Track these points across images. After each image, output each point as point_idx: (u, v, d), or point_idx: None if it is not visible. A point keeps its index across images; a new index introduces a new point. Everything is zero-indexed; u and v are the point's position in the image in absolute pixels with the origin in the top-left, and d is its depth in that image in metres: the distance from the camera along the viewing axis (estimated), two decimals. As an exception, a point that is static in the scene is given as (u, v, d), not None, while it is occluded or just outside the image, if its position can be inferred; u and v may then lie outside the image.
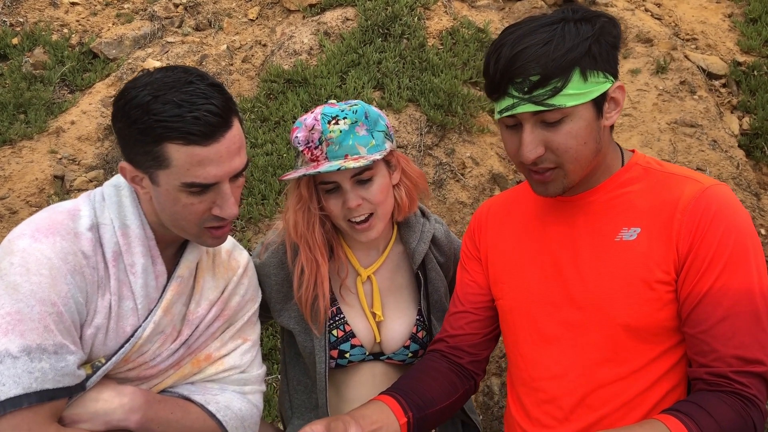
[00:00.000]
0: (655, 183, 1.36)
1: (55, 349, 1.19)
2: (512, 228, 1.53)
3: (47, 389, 1.18)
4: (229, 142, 1.24)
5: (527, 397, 1.45)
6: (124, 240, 1.30)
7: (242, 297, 1.53)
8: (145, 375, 1.37)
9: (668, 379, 1.33)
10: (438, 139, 4.62)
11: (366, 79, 4.74)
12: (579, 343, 1.37)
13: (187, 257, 1.40)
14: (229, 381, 1.49)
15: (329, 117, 1.53)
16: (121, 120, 1.22)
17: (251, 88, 5.14)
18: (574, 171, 1.31)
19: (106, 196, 1.33)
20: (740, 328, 1.23)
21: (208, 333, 1.45)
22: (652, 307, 1.30)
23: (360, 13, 5.15)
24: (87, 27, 5.66)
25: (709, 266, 1.25)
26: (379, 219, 1.59)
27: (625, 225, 1.35)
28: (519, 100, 1.25)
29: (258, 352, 1.57)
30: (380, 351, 1.70)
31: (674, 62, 4.84)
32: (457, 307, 1.60)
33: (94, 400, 1.28)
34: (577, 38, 1.24)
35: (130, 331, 1.31)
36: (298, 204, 1.61)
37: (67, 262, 1.22)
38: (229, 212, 1.28)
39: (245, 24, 5.70)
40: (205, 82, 1.23)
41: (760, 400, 1.22)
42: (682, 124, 4.52)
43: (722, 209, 1.27)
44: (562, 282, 1.40)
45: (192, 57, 5.36)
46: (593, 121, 1.28)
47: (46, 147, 4.61)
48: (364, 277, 1.69)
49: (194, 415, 1.41)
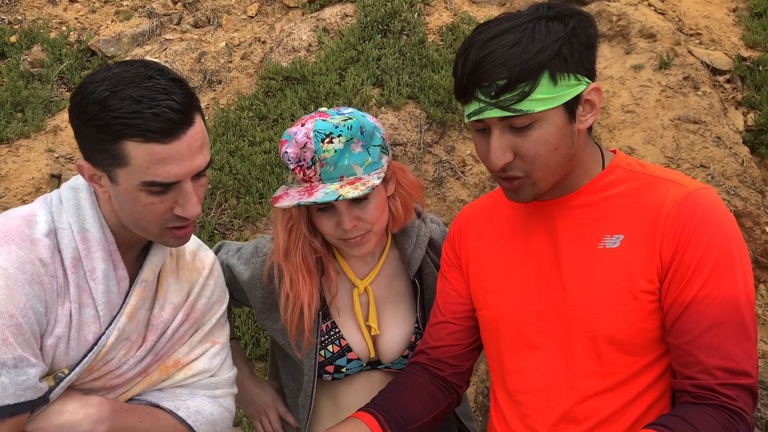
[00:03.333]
0: (638, 186, 1.31)
1: (15, 363, 1.15)
2: (493, 234, 1.48)
3: (8, 405, 1.15)
4: (190, 139, 1.19)
5: (510, 411, 1.40)
6: (83, 245, 1.25)
7: (209, 299, 1.48)
8: (112, 384, 1.33)
9: (653, 390, 1.28)
10: (438, 137, 4.56)
11: (365, 76, 4.69)
12: (563, 354, 1.32)
13: (152, 260, 1.35)
14: (199, 386, 1.44)
15: (323, 134, 1.42)
16: (78, 116, 1.18)
17: (250, 86, 5.10)
18: (543, 178, 1.26)
19: (63, 199, 1.28)
20: (726, 338, 1.18)
21: (175, 338, 1.41)
22: (636, 317, 1.24)
23: (359, 9, 5.10)
24: (85, 24, 5.63)
25: (694, 274, 1.20)
26: (374, 234, 1.52)
27: (608, 232, 1.29)
28: (486, 105, 1.20)
29: (228, 355, 1.52)
30: (378, 360, 1.65)
31: (678, 58, 4.77)
32: (437, 318, 1.54)
33: (59, 413, 1.24)
34: (547, 39, 1.18)
35: (92, 339, 1.27)
36: (286, 223, 1.54)
37: (24, 271, 1.17)
38: (191, 212, 1.24)
39: (244, 21, 5.66)
40: (166, 77, 1.18)
41: (747, 413, 1.17)
42: (685, 121, 4.44)
43: (707, 214, 1.22)
44: (546, 291, 1.34)
45: (190, 54, 5.33)
46: (565, 126, 1.23)
47: (43, 146, 4.59)
48: (361, 289, 1.63)
49: (164, 422, 1.37)
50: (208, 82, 5.25)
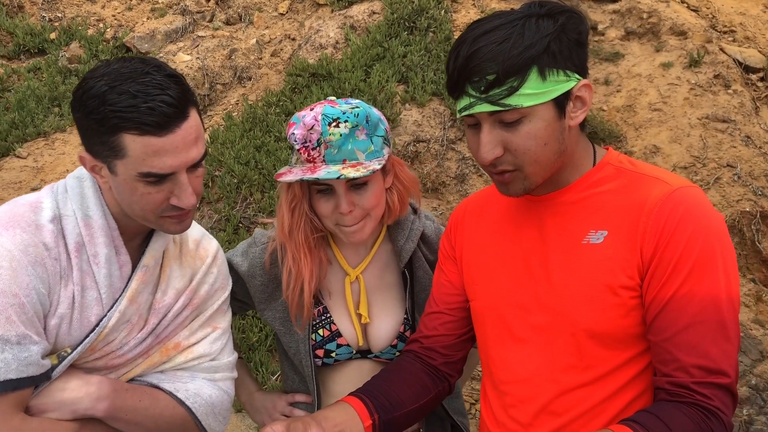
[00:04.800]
0: (625, 184, 1.32)
1: (18, 340, 1.21)
2: (486, 227, 1.51)
3: (10, 379, 1.21)
4: (185, 132, 1.25)
5: (496, 401, 1.43)
6: (86, 231, 1.32)
7: (211, 285, 1.53)
8: (114, 364, 1.39)
9: (633, 386, 1.29)
10: (461, 134, 4.58)
11: (390, 73, 4.73)
12: (546, 347, 1.34)
13: (153, 246, 1.41)
14: (199, 369, 1.50)
15: (330, 119, 1.48)
16: (79, 110, 1.24)
17: (278, 82, 5.18)
18: (534, 173, 1.28)
19: (68, 188, 1.35)
20: (705, 337, 1.18)
21: (177, 322, 1.46)
22: (616, 313, 1.26)
23: (386, 6, 5.14)
24: (122, 21, 5.78)
25: (674, 271, 1.20)
26: (369, 222, 1.57)
27: (593, 227, 1.31)
28: (476, 100, 1.23)
29: (229, 340, 1.58)
30: (368, 349, 1.70)
31: (709, 55, 4.69)
32: (432, 308, 1.58)
33: (61, 390, 1.30)
34: (537, 35, 1.20)
35: (94, 320, 1.33)
36: (289, 202, 1.61)
37: (28, 254, 1.24)
38: (186, 202, 1.29)
39: (275, 18, 5.75)
40: (162, 73, 1.24)
41: (723, 413, 1.17)
42: (713, 119, 4.38)
43: (690, 212, 1.22)
44: (532, 285, 1.37)
45: (221, 51, 5.44)
46: (554, 122, 1.25)
47: (78, 139, 4.73)
48: (353, 277, 1.68)
49: (163, 402, 1.42)
50: (238, 79, 5.35)
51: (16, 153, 5.04)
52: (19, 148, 5.07)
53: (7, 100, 5.30)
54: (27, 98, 5.17)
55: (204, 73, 5.28)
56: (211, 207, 4.49)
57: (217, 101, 5.28)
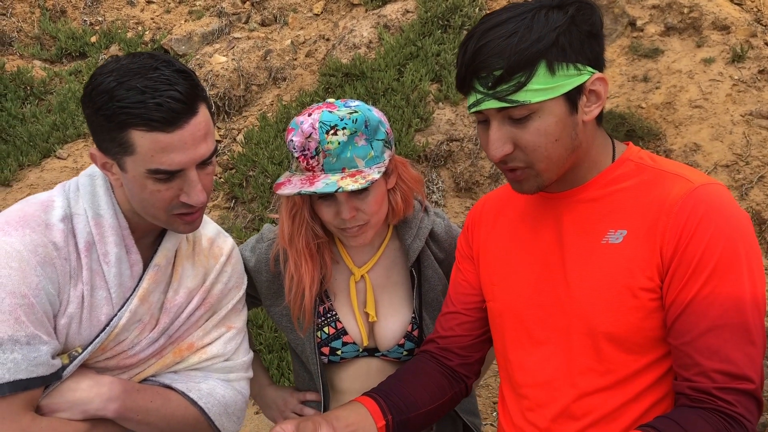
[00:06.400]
0: (645, 181, 1.26)
1: (28, 340, 1.21)
2: (504, 226, 1.47)
3: (20, 379, 1.21)
4: (193, 128, 1.23)
5: (513, 405, 1.39)
6: (97, 230, 1.31)
7: (225, 285, 1.52)
8: (125, 364, 1.39)
9: (654, 391, 1.23)
10: (495, 133, 4.51)
11: (423, 72, 4.69)
12: (564, 350, 1.29)
13: (165, 245, 1.40)
14: (213, 369, 1.49)
15: (328, 126, 1.45)
16: (89, 106, 1.23)
17: (312, 83, 5.19)
18: (546, 170, 1.23)
19: (80, 186, 1.35)
20: (727, 340, 1.12)
21: (190, 322, 1.45)
22: (635, 315, 1.20)
23: (420, 5, 5.10)
24: (160, 24, 5.87)
25: (695, 272, 1.15)
26: (371, 227, 1.56)
27: (612, 227, 1.26)
28: (484, 96, 1.19)
29: (244, 339, 1.57)
30: (375, 347, 1.68)
31: (753, 50, 4.53)
32: (449, 308, 1.55)
33: (72, 390, 1.30)
34: (545, 29, 1.15)
35: (104, 320, 1.33)
36: (290, 210, 1.60)
37: (37, 254, 1.24)
38: (196, 199, 1.28)
39: (310, 19, 5.76)
40: (171, 68, 1.22)
41: (748, 420, 1.11)
42: (758, 116, 4.22)
43: (711, 210, 1.16)
44: (551, 285, 1.32)
45: (257, 52, 5.48)
46: (566, 117, 1.20)
47: (116, 140, 4.82)
48: (358, 277, 1.67)
49: (175, 402, 1.41)
50: (272, 80, 5.38)
51: (57, 154, 5.16)
52: (60, 149, 5.19)
53: (49, 103, 5.43)
54: (68, 100, 5.29)
55: (239, 74, 5.32)
56: (245, 207, 4.52)
57: (252, 102, 5.32)
